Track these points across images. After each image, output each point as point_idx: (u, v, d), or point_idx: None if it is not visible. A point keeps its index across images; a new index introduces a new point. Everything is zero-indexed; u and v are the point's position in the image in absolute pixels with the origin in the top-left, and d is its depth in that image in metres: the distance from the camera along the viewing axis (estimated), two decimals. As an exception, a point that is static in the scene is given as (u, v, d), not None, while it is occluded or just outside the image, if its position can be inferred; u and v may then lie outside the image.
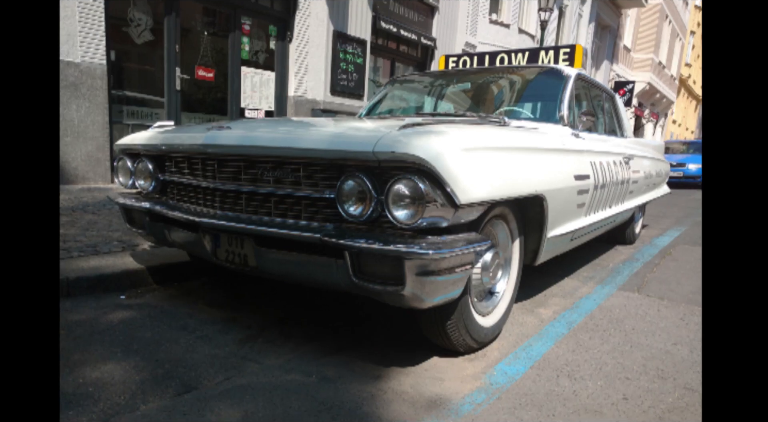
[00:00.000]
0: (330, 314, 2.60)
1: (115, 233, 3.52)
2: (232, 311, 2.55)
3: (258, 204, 2.04)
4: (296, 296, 2.94)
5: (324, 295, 2.96)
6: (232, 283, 3.11)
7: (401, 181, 1.66)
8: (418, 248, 1.61)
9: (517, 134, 2.34)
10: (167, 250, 3.28)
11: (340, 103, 8.80)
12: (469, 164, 1.77)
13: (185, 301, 2.73)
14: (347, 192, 1.77)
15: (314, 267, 1.87)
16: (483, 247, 1.86)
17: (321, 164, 1.83)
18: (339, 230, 1.81)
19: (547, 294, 3.19)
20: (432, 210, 1.66)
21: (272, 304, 2.76)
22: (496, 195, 1.89)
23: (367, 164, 1.72)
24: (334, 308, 2.77)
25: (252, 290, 3.02)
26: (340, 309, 2.76)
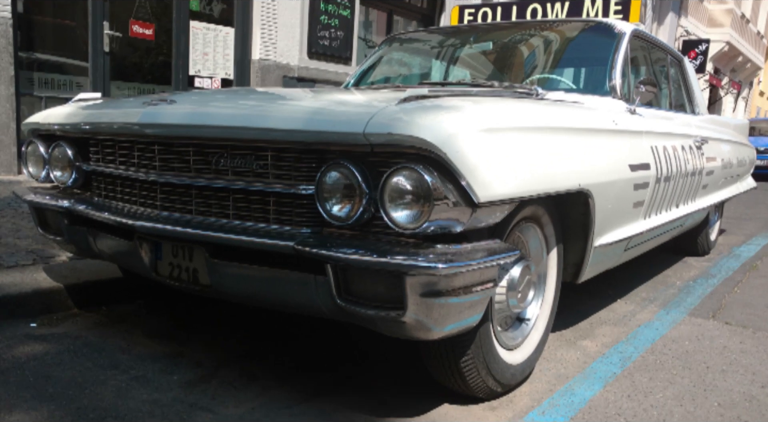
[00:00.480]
0: (307, 347, 2.63)
1: (23, 241, 3.51)
2: (178, 344, 2.58)
3: (212, 203, 2.06)
4: (263, 324, 2.91)
5: (300, 322, 2.93)
6: (178, 307, 3.12)
7: (401, 172, 1.66)
8: (423, 261, 1.62)
9: (554, 110, 2.32)
10: (92, 263, 3.28)
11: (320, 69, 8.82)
12: (491, 149, 1.78)
13: (116, 330, 2.70)
14: (330, 187, 1.78)
15: (286, 286, 1.89)
16: (509, 259, 1.87)
17: (295, 149, 1.84)
18: (319, 237, 1.82)
19: (594, 322, 3.22)
20: (442, 211, 1.66)
21: (231, 335, 2.75)
22: (526, 191, 1.90)
23: (355, 149, 1.73)
24: (312, 339, 2.78)
25: (205, 316, 3.02)
26: (321, 341, 2.74)
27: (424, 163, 1.66)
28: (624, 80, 3.19)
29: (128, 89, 6.98)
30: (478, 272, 1.78)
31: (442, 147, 1.63)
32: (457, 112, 1.75)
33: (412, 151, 1.66)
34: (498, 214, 1.88)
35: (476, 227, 1.82)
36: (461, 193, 1.69)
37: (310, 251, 1.75)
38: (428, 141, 1.61)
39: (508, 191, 1.82)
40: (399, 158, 1.70)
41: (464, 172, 1.67)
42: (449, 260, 1.67)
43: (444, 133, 1.64)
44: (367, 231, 1.80)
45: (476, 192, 1.69)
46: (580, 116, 2.53)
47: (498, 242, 1.92)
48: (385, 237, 1.77)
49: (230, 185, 1.98)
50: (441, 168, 1.66)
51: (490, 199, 1.75)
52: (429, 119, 1.65)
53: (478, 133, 1.76)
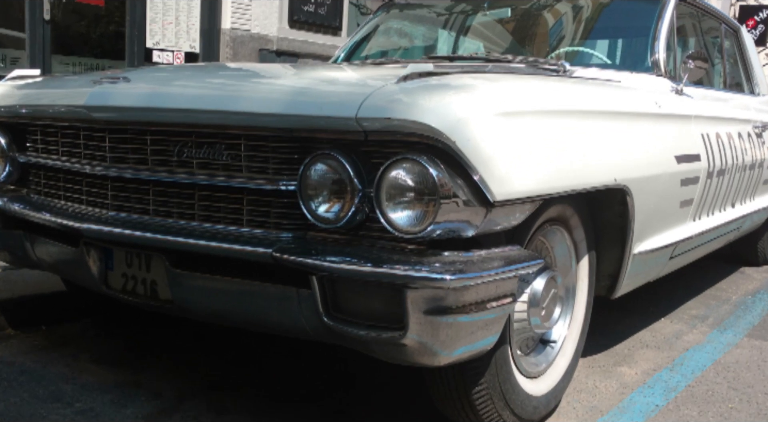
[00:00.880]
0: (287, 372, 2.63)
1: (-55, 248, 3.49)
2: (133, 372, 2.58)
3: (174, 201, 2.06)
4: (235, 346, 2.91)
5: (279, 343, 2.93)
6: (133, 327, 3.11)
7: (401, 165, 1.68)
8: (427, 271, 1.63)
9: (584, 91, 2.33)
10: (30, 274, 3.27)
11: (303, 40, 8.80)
12: (509, 137, 1.79)
13: (59, 355, 2.69)
14: (315, 182, 1.79)
15: (263, 302, 1.90)
16: (531, 269, 1.88)
17: (273, 137, 1.85)
18: (302, 243, 1.83)
19: (634, 344, 3.22)
20: (450, 211, 1.67)
21: (197, 360, 2.74)
22: (551, 187, 1.92)
23: (346, 137, 1.74)
24: (293, 362, 2.77)
25: (165, 337, 3.00)
26: (304, 365, 2.75)
27: (429, 154, 1.66)
28: (669, 54, 3.21)
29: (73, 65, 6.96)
30: (494, 285, 1.79)
31: (450, 134, 1.64)
32: (468, 92, 1.75)
33: (415, 139, 1.67)
34: (517, 215, 1.88)
35: (491, 231, 1.82)
36: (473, 190, 1.70)
37: (291, 259, 1.76)
38: (434, 127, 1.62)
39: (530, 187, 1.83)
40: (399, 148, 1.71)
41: (477, 164, 1.68)
42: (459, 270, 1.68)
43: (453, 117, 1.65)
44: (361, 236, 1.81)
45: (491, 189, 1.70)
46: (617, 97, 2.53)
47: (517, 249, 1.92)
48: (382, 243, 1.78)
49: (195, 181, 1.99)
50: (449, 160, 1.67)
51: (508, 197, 1.75)
52: (435, 101, 1.66)
53: (494, 117, 1.76)
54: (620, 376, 2.79)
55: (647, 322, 3.50)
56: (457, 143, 1.65)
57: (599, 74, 2.92)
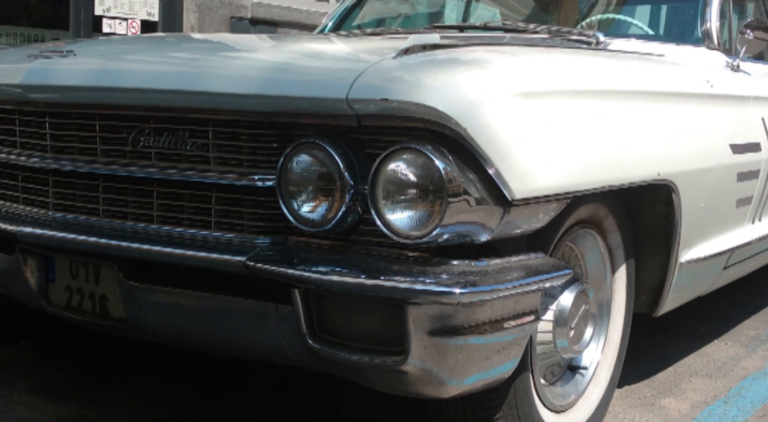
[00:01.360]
0: (264, 404, 2.61)
1: None
2: (78, 404, 2.55)
3: (129, 200, 2.06)
4: (201, 373, 2.88)
5: (254, 369, 2.91)
6: (80, 351, 3.08)
7: (401, 156, 1.68)
8: (432, 284, 1.64)
9: (621, 67, 2.33)
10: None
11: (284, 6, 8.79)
12: (532, 122, 1.79)
13: (-11, 385, 2.70)
14: (298, 177, 1.80)
15: (235, 321, 1.91)
16: (558, 281, 1.89)
17: (247, 123, 1.86)
18: (282, 250, 1.84)
19: (681, 372, 3.20)
20: (460, 211, 1.67)
21: (156, 390, 2.71)
22: (581, 182, 1.92)
23: (335, 123, 1.75)
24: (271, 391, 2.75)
25: (118, 364, 2.97)
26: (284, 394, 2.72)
27: (435, 142, 1.66)
28: (723, 23, 3.19)
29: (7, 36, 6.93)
30: (513, 300, 1.79)
31: (460, 120, 1.64)
32: (482, 69, 1.75)
33: (418, 125, 1.67)
34: (541, 216, 1.88)
35: (509, 236, 1.83)
36: (488, 186, 1.70)
37: (269, 269, 1.76)
38: (440, 111, 1.63)
39: (556, 182, 1.83)
40: (398, 136, 1.71)
41: (492, 155, 1.68)
42: (470, 282, 1.68)
43: (463, 99, 1.66)
44: (352, 241, 1.81)
45: (509, 185, 1.71)
46: (660, 74, 2.52)
47: (541, 257, 1.92)
48: (378, 250, 1.78)
49: (154, 175, 1.99)
50: (459, 150, 1.67)
51: (530, 194, 1.76)
52: (441, 80, 1.67)
53: (513, 99, 1.76)
54: (664, 410, 2.77)
55: (697, 345, 3.49)
56: (469, 129, 1.65)
57: (639, 47, 2.92)
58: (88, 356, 3.04)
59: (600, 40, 2.65)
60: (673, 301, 2.66)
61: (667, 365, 3.24)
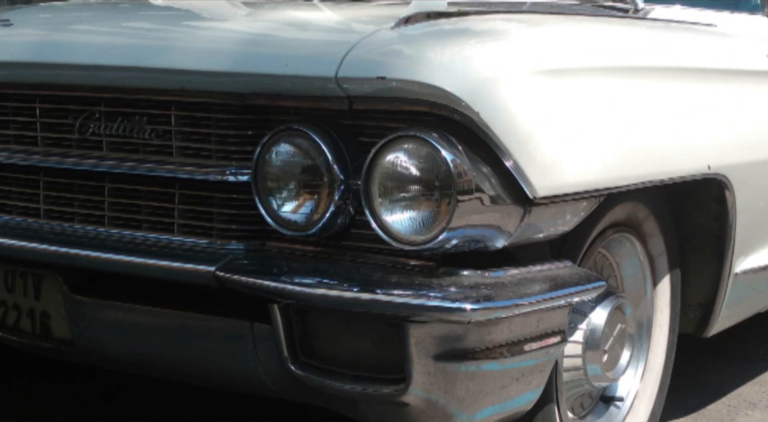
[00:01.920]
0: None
1: None
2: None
3: (76, 199, 1.98)
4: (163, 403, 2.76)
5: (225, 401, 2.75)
6: (14, 378, 2.91)
7: (401, 145, 1.59)
8: (438, 298, 1.56)
9: (665, 39, 2.19)
10: None
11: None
12: (558, 105, 1.71)
13: None
14: (278, 170, 1.72)
15: (202, 343, 1.83)
16: (589, 295, 1.79)
17: (218, 106, 1.78)
18: (259, 258, 1.77)
19: (736, 402, 3.06)
20: (471, 212, 1.58)
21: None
22: (618, 177, 1.84)
23: (322, 106, 1.68)
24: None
25: (60, 394, 2.82)
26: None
27: (442, 129, 1.58)
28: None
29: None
30: (534, 318, 1.71)
31: (472, 102, 1.55)
32: (498, 41, 1.68)
33: (421, 109, 1.59)
34: (568, 217, 1.79)
35: (531, 241, 1.74)
36: (505, 181, 1.62)
37: (243, 280, 1.68)
38: (448, 92, 1.54)
39: (587, 177, 1.74)
40: (397, 122, 1.63)
41: (510, 145, 1.59)
42: (483, 296, 1.59)
43: (476, 77, 1.58)
44: (343, 248, 1.74)
45: (531, 180, 1.61)
46: (711, 48, 2.38)
47: (569, 266, 1.82)
48: (374, 258, 1.70)
49: (106, 168, 1.91)
50: (470, 138, 1.58)
51: (556, 191, 1.67)
52: (450, 54, 1.59)
53: (535, 77, 1.68)
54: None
55: (754, 371, 3.28)
56: (482, 113, 1.56)
57: (686, 15, 2.72)
58: (24, 385, 2.89)
59: (639, 6, 2.49)
60: (727, 319, 2.50)
61: (719, 395, 3.07)
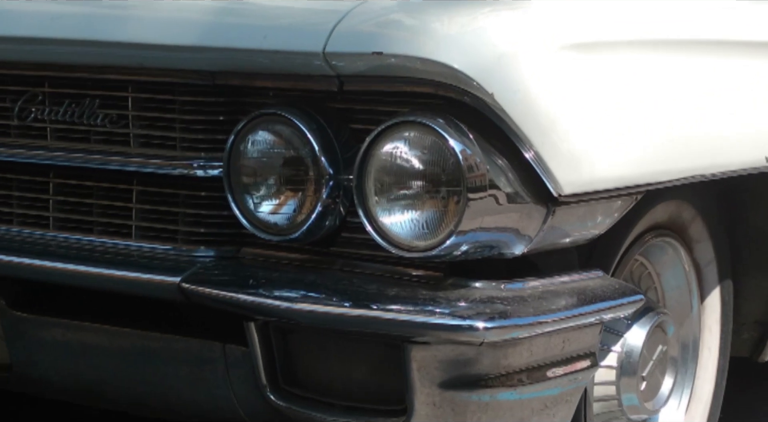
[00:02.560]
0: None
1: None
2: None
3: (15, 197, 1.95)
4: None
5: None
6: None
7: (401, 133, 1.52)
8: (446, 315, 1.49)
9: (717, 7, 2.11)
10: None
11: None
12: (587, 86, 1.64)
13: None
14: (255, 163, 1.65)
15: (165, 367, 1.77)
16: (624, 311, 1.72)
17: (184, 87, 1.72)
18: (233, 266, 1.71)
19: None
20: (484, 212, 1.50)
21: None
22: (658, 171, 1.77)
23: (307, 87, 1.62)
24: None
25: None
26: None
27: (449, 114, 1.50)
28: None
29: None
30: (559, 339, 1.64)
31: (485, 82, 1.46)
32: (516, 9, 1.60)
33: (425, 90, 1.52)
34: (600, 219, 1.72)
35: (555, 246, 1.68)
36: (525, 176, 1.54)
37: (213, 294, 1.61)
38: (457, 69, 1.46)
39: (622, 170, 1.67)
40: (396, 106, 1.56)
41: (531, 133, 1.51)
42: (499, 312, 1.52)
43: (490, 53, 1.50)
44: (332, 255, 1.68)
45: (555, 174, 1.53)
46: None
47: (600, 277, 1.74)
48: (369, 267, 1.64)
49: (51, 161, 1.85)
50: (483, 125, 1.51)
51: (585, 188, 1.59)
52: (459, 25, 1.53)
53: (561, 53, 1.60)
54: None
55: None
56: (497, 95, 1.47)
57: None
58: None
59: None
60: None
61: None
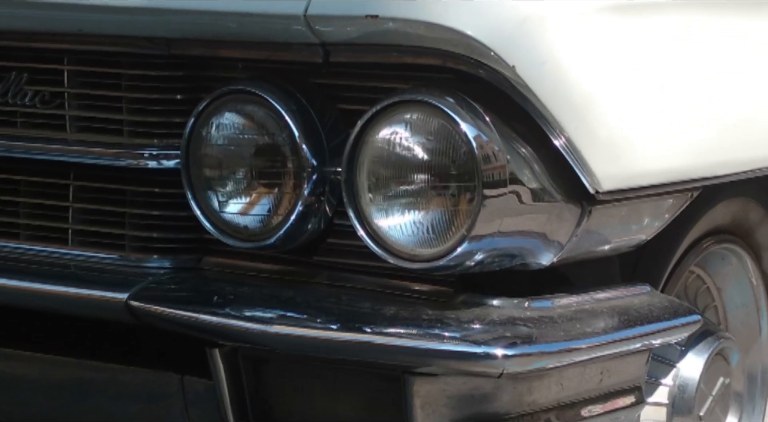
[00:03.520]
0: None
1: None
2: None
3: None
4: None
5: None
6: None
7: (401, 115, 1.42)
8: (456, 339, 1.38)
9: None
10: None
11: None
12: (631, 57, 1.54)
13: None
14: (220, 152, 1.55)
15: (111, 403, 1.69)
16: (677, 335, 1.64)
17: (132, 56, 1.62)
18: (193, 280, 1.63)
19: None
20: (503, 212, 1.40)
21: None
22: (720, 162, 1.69)
23: (285, 57, 1.54)
24: None
25: None
26: None
27: (459, 92, 1.40)
28: None
29: None
30: (597, 370, 1.56)
31: (505, 52, 1.36)
32: None
33: (430, 61, 1.43)
34: (647, 221, 1.63)
35: (591, 255, 1.60)
36: (554, 168, 1.45)
37: (167, 314, 1.51)
38: (470, 37, 1.36)
39: (674, 162, 1.57)
40: (395, 81, 1.47)
41: (561, 114, 1.41)
42: (522, 337, 1.41)
43: (510, 17, 1.42)
44: (316, 266, 1.58)
45: (591, 166, 1.43)
46: None
47: (647, 292, 1.64)
48: (361, 281, 1.54)
49: None
50: (502, 105, 1.41)
51: (627, 183, 1.50)
52: None
53: (598, 16, 1.53)
54: None
55: None
56: (520, 68, 1.37)
57: None
58: None
59: None
60: None
61: None
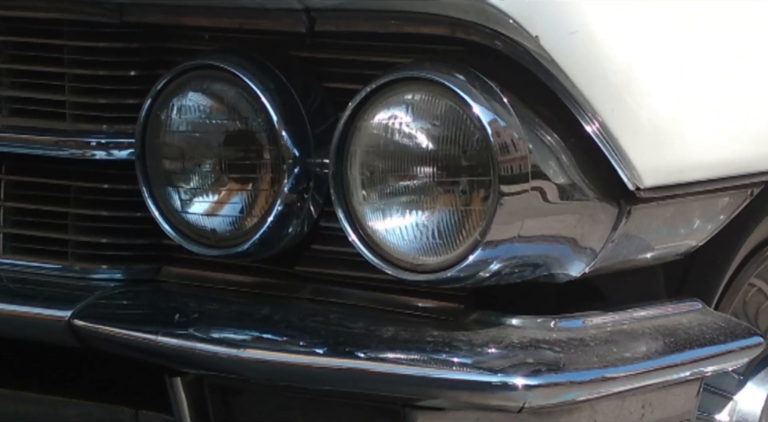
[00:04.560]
0: None
1: None
2: None
3: None
4: None
5: None
6: None
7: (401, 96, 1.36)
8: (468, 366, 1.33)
9: None
10: None
11: None
12: (676, 26, 1.48)
13: None
14: (183, 140, 1.49)
15: None
16: (734, 361, 1.57)
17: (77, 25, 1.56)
18: (148, 294, 1.58)
19: None
20: (524, 213, 1.33)
21: None
22: None
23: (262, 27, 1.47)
24: None
25: None
26: None
27: (471, 67, 1.34)
28: None
29: None
30: (638, 403, 1.48)
31: (526, 20, 1.30)
32: None
33: (436, 31, 1.36)
34: (697, 223, 1.55)
35: (631, 264, 1.51)
36: (586, 160, 1.38)
37: (117, 335, 1.45)
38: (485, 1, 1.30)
39: (729, 152, 1.49)
40: (393, 53, 1.41)
41: (593, 96, 1.33)
42: (549, 364, 1.33)
43: None
44: (298, 277, 1.51)
45: (631, 158, 1.34)
46: None
47: (698, 309, 1.57)
48: (353, 296, 1.48)
49: None
50: (523, 84, 1.34)
51: (674, 178, 1.41)
52: None
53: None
54: None
55: None
56: (545, 40, 1.30)
57: None
58: None
59: None
60: None
61: None
